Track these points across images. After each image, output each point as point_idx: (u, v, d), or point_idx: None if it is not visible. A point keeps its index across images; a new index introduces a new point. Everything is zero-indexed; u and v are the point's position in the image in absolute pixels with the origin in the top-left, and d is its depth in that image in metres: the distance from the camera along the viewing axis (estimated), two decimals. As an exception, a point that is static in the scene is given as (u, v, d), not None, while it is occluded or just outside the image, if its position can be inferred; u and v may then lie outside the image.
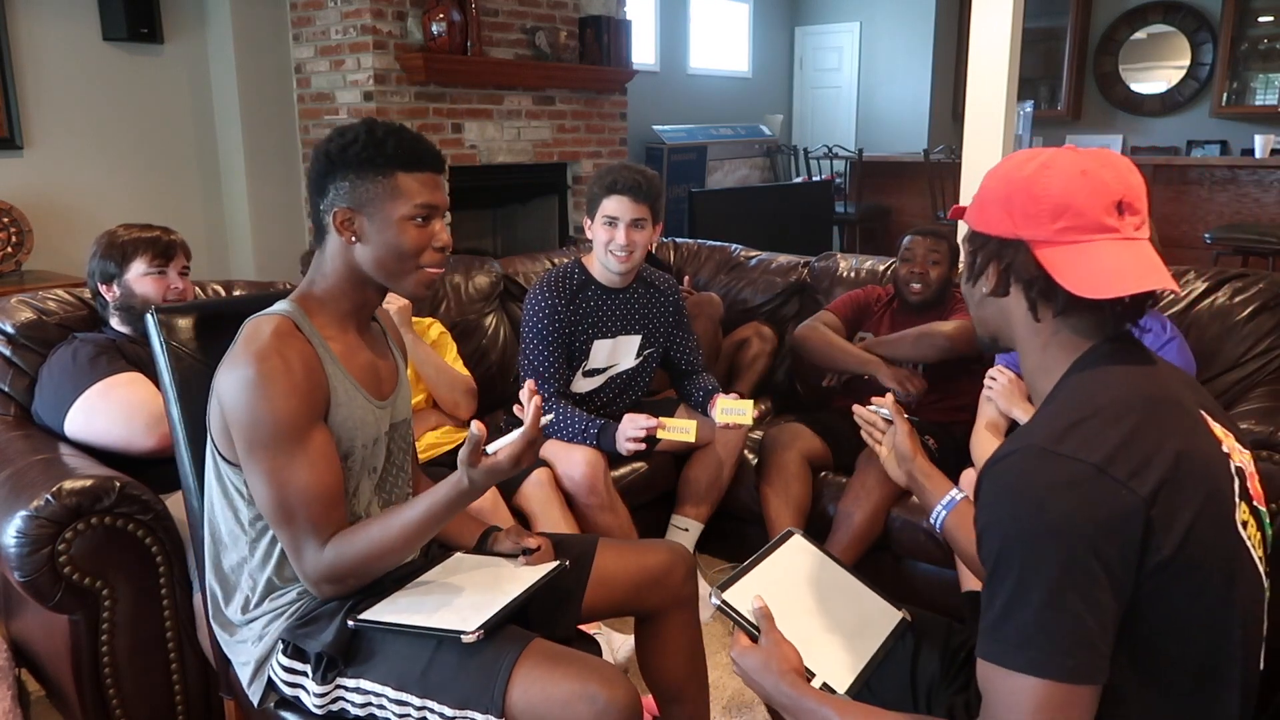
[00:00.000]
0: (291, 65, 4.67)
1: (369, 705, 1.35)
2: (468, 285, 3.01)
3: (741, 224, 5.36)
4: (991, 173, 1.09)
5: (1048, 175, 1.02)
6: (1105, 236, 1.01)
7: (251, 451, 1.31)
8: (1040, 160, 1.04)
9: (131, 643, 1.77)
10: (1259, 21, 7.17)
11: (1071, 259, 1.01)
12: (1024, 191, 1.03)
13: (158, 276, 2.06)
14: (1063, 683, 0.90)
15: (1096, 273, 1.00)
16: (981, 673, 0.95)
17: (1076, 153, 1.04)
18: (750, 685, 1.18)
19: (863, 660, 1.24)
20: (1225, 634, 0.97)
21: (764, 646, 1.17)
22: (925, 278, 2.70)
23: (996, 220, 1.05)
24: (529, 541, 1.55)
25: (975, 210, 1.09)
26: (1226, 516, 0.97)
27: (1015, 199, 1.03)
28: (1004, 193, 1.05)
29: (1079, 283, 1.00)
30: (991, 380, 2.33)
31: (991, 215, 1.06)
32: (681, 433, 2.29)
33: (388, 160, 1.36)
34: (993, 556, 0.94)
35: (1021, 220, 1.03)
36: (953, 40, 7.96)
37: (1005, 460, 0.96)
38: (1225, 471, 0.99)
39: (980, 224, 1.08)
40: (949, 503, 1.38)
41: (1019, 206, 1.03)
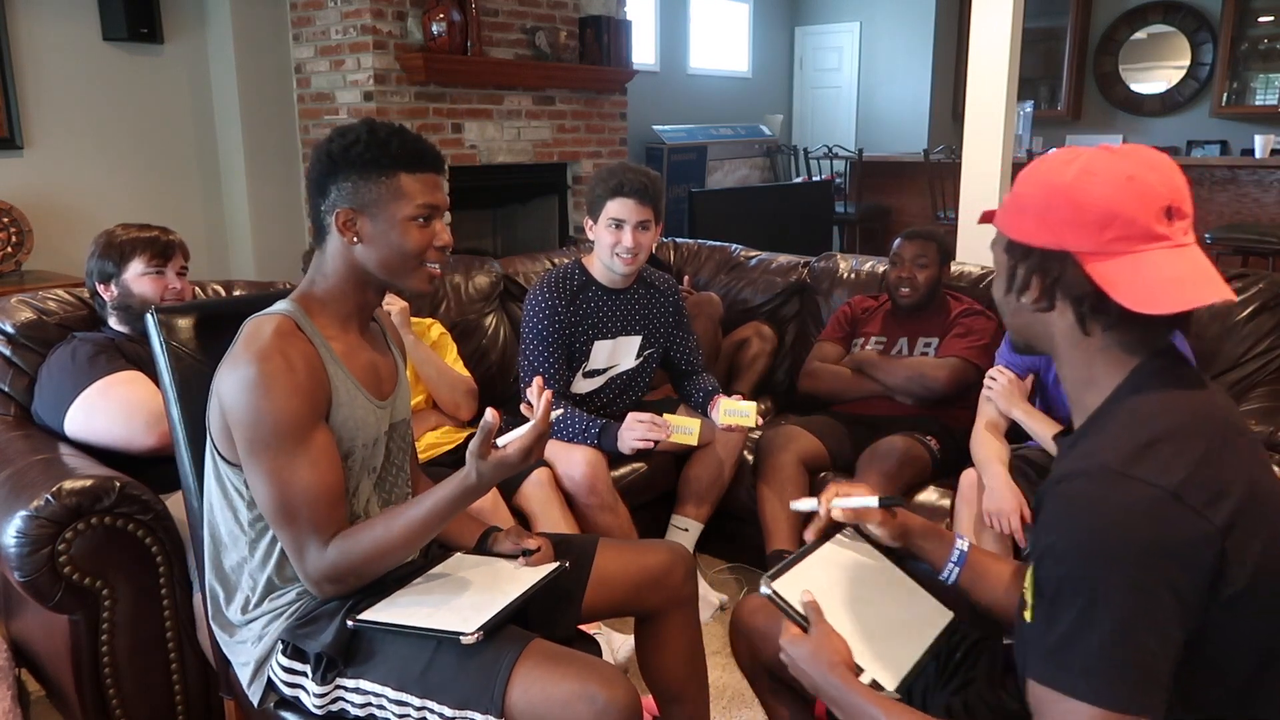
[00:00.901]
0: (291, 65, 4.67)
1: (369, 705, 1.35)
2: (468, 285, 3.01)
3: (741, 224, 5.36)
4: (1026, 177, 1.03)
5: (1091, 182, 0.97)
6: (1157, 245, 0.95)
7: (253, 451, 1.31)
8: (1080, 165, 0.98)
9: (131, 643, 1.77)
10: (1259, 21, 7.17)
11: (1125, 271, 0.95)
12: (1066, 200, 0.97)
13: (155, 276, 2.06)
14: (1124, 714, 0.87)
15: (1154, 286, 0.94)
16: (1035, 694, 0.93)
17: (1117, 155, 0.99)
18: (797, 674, 1.15)
19: (911, 659, 1.21)
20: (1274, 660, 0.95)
21: (814, 637, 1.14)
22: (913, 281, 2.71)
23: (1037, 230, 0.99)
24: (529, 542, 1.55)
25: (1011, 218, 1.03)
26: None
27: (1056, 208, 0.98)
28: (1043, 201, 0.99)
29: (1137, 298, 0.94)
30: (991, 380, 2.34)
31: (1031, 225, 1.00)
32: (685, 434, 2.30)
33: (390, 161, 1.36)
34: (1056, 579, 0.90)
35: (1065, 231, 0.97)
36: (953, 40, 7.96)
37: (1072, 481, 0.92)
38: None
39: (1019, 233, 1.01)
40: (959, 558, 1.33)
41: (1061, 216, 0.97)
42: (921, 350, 2.74)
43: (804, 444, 2.58)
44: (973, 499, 2.21)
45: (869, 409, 2.71)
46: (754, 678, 1.53)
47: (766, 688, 1.51)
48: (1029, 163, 1.06)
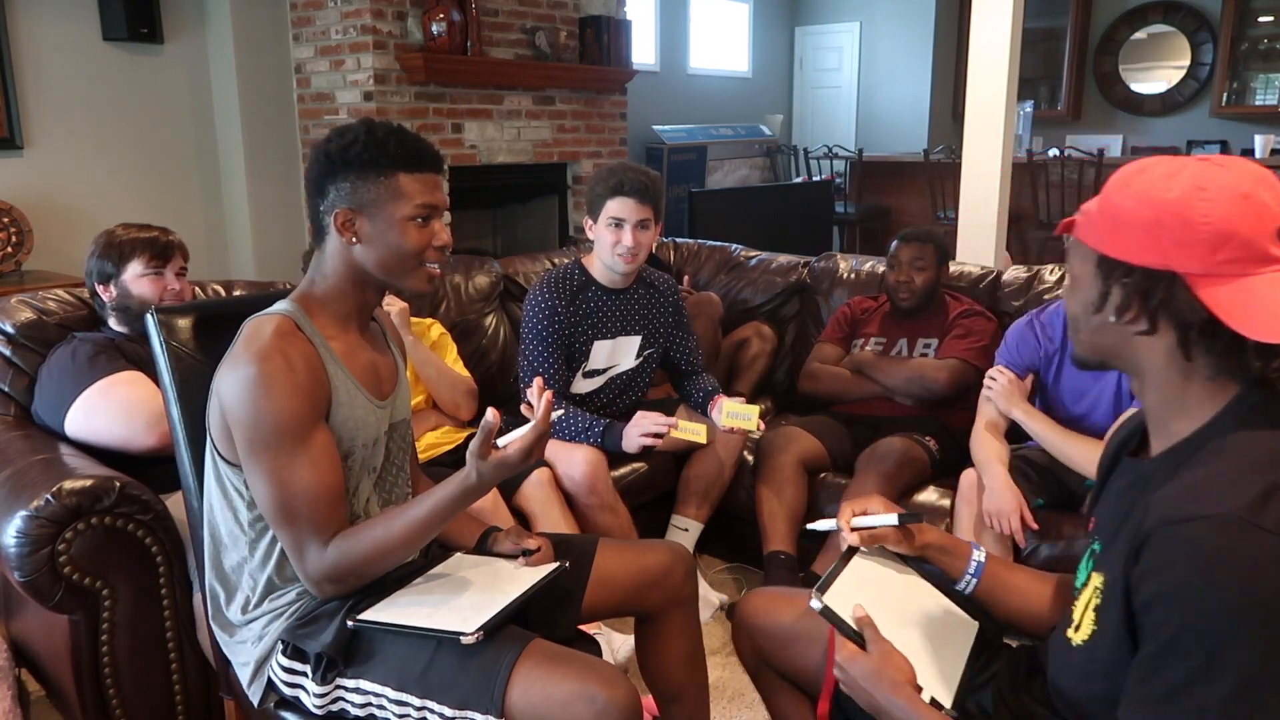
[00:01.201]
0: (291, 65, 4.67)
1: (369, 705, 1.35)
2: (468, 285, 3.01)
3: (741, 224, 5.36)
4: (1122, 190, 0.96)
5: (1205, 199, 0.90)
6: (1270, 269, 0.90)
7: (253, 451, 1.31)
8: (1189, 180, 0.92)
9: (131, 643, 1.78)
10: (1259, 21, 7.17)
11: (1238, 296, 0.89)
12: (1177, 217, 0.91)
13: (154, 277, 2.06)
14: None
15: (1273, 312, 0.89)
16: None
17: (1226, 169, 0.93)
18: (854, 691, 1.13)
19: (957, 673, 1.19)
20: None
21: (875, 655, 1.12)
22: (911, 285, 2.71)
23: (1141, 248, 0.92)
24: (529, 542, 1.55)
25: (1106, 233, 0.96)
26: None
27: (1168, 226, 0.91)
28: (1150, 217, 0.92)
29: (1255, 325, 0.88)
30: (991, 380, 2.34)
31: (1134, 242, 0.93)
32: (693, 434, 2.31)
33: (389, 161, 1.36)
34: (1173, 628, 0.86)
35: (1174, 250, 0.91)
36: (953, 40, 7.96)
37: (1193, 525, 0.87)
38: None
39: (1118, 250, 0.94)
40: (976, 570, 1.32)
41: (1172, 234, 0.91)
42: (921, 351, 2.74)
43: (804, 445, 2.58)
44: (973, 499, 2.21)
45: (869, 409, 2.71)
46: (757, 674, 1.53)
47: (769, 685, 1.51)
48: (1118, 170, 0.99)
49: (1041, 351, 2.32)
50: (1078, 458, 2.14)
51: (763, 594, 1.53)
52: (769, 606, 1.48)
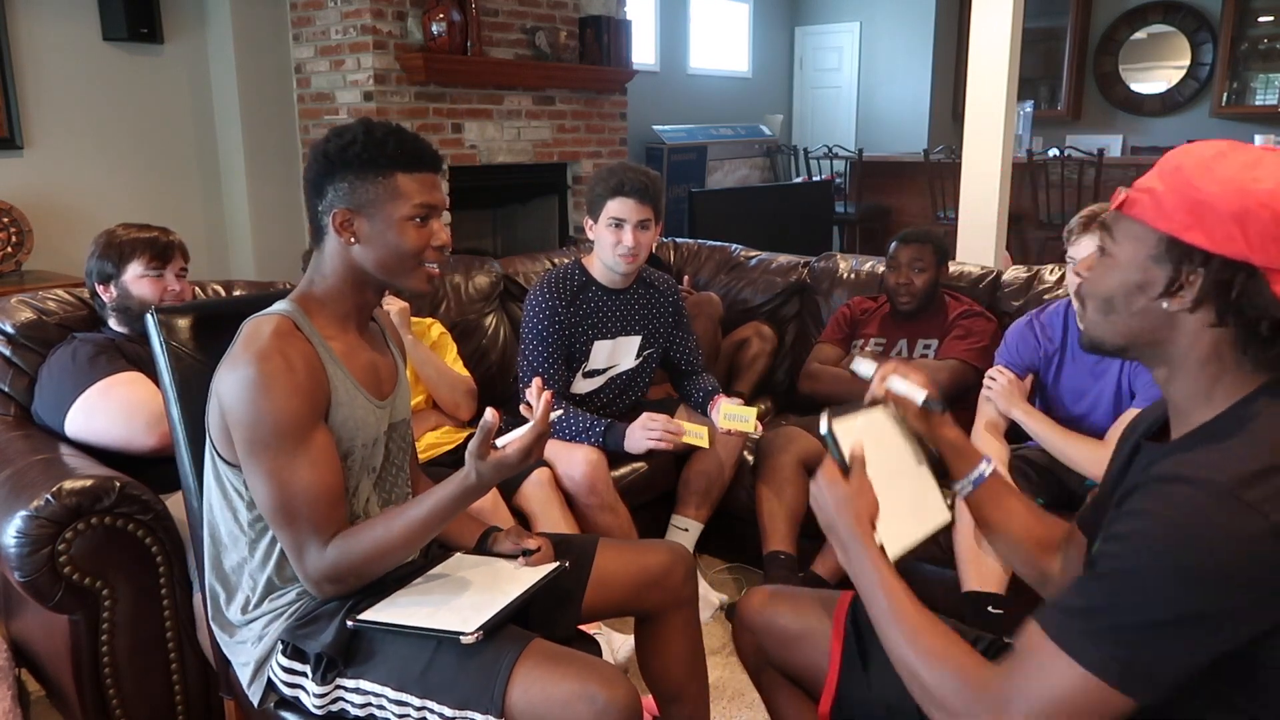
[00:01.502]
0: (291, 65, 4.67)
1: (369, 705, 1.35)
2: (468, 285, 3.01)
3: (741, 224, 5.36)
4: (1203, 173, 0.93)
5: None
6: None
7: (253, 451, 1.31)
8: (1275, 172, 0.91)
9: (131, 643, 1.78)
10: (1259, 21, 7.17)
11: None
12: (1269, 210, 0.89)
13: (155, 278, 2.06)
14: (1106, 684, 0.88)
15: None
16: (1031, 637, 0.93)
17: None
18: (821, 512, 1.18)
19: (913, 539, 1.25)
20: None
21: (852, 484, 1.17)
22: (911, 287, 2.71)
23: (1224, 237, 0.90)
24: (529, 542, 1.55)
25: (1186, 216, 0.93)
26: None
27: (1257, 217, 0.89)
28: (1239, 206, 0.90)
29: None
30: (991, 380, 2.34)
31: (1217, 229, 0.91)
32: (696, 438, 2.31)
33: (387, 161, 1.36)
34: (1124, 565, 0.89)
35: (1259, 243, 0.89)
36: (953, 40, 7.96)
37: (1177, 485, 0.89)
38: None
39: (1196, 236, 0.92)
40: (977, 479, 1.32)
41: (1260, 226, 0.89)
42: (921, 352, 2.74)
43: (804, 445, 2.58)
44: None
45: (869, 409, 2.71)
46: (758, 674, 1.53)
47: (770, 684, 1.51)
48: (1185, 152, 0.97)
49: (1041, 351, 2.32)
50: (1078, 458, 2.14)
51: (764, 592, 1.52)
52: (771, 605, 1.48)
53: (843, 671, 1.34)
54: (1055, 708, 0.90)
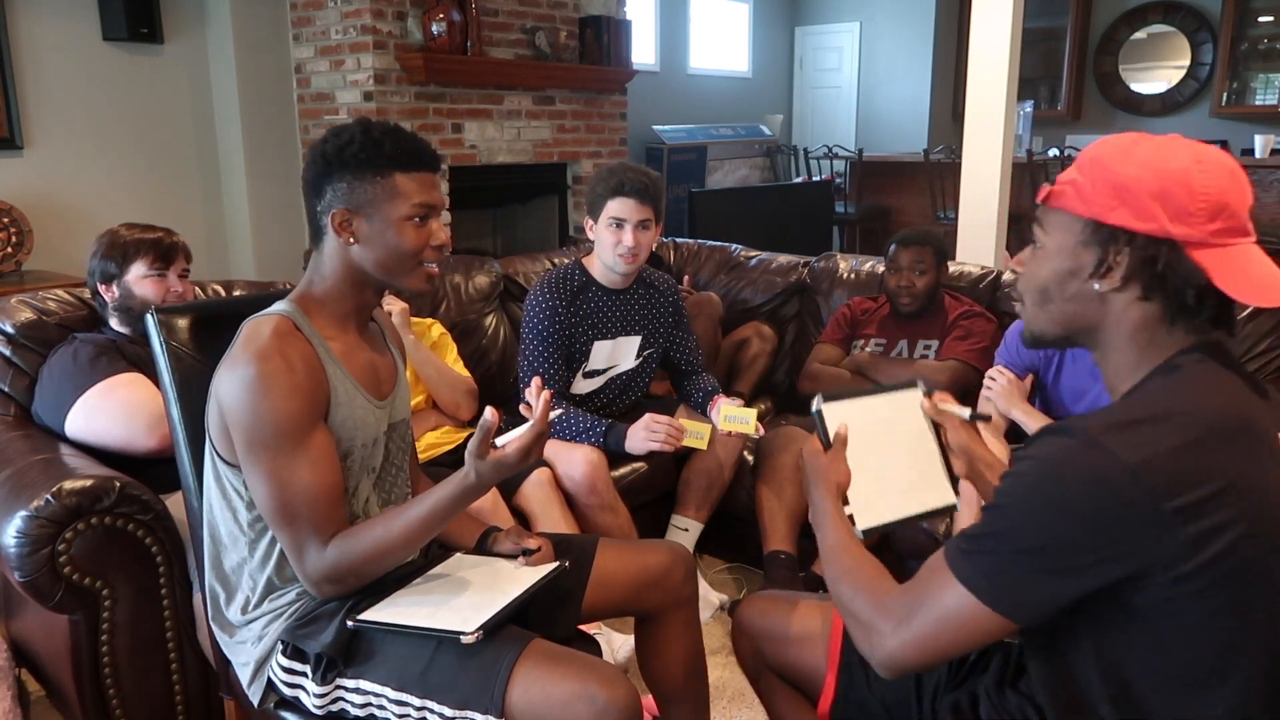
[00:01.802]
0: (291, 65, 4.67)
1: (369, 705, 1.35)
2: (468, 285, 3.01)
3: (741, 224, 5.36)
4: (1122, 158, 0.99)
5: (1204, 171, 0.96)
6: (1245, 240, 0.98)
7: (252, 452, 1.31)
8: (1187, 152, 0.97)
9: (131, 643, 1.77)
10: (1259, 21, 7.17)
11: (1228, 264, 0.95)
12: (1182, 186, 0.95)
13: (157, 279, 2.06)
14: (982, 603, 0.97)
15: (1257, 280, 0.96)
16: (932, 563, 1.04)
17: (1209, 147, 0.99)
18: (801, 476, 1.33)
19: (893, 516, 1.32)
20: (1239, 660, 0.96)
21: (830, 456, 1.29)
22: (912, 289, 2.71)
23: (1145, 215, 0.96)
24: (529, 542, 1.55)
25: (1109, 200, 0.99)
26: (1271, 550, 0.94)
27: (1173, 193, 0.95)
28: (1155, 185, 0.96)
29: (1246, 289, 0.95)
30: (991, 380, 2.34)
31: (1139, 209, 0.96)
32: (696, 439, 2.31)
33: (385, 161, 1.36)
34: (1001, 500, 0.98)
35: (1176, 217, 0.95)
36: (953, 40, 7.96)
37: (1054, 436, 0.96)
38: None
39: (1120, 218, 0.98)
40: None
41: (1176, 202, 0.95)
42: (921, 353, 2.74)
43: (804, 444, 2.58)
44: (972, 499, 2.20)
45: (869, 409, 2.71)
46: (756, 678, 1.53)
47: (769, 688, 1.51)
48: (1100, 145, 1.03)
49: (1041, 352, 2.32)
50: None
51: (763, 597, 1.53)
52: (769, 609, 1.48)
53: (841, 672, 1.34)
54: (942, 619, 1.00)
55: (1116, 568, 0.93)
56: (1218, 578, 0.92)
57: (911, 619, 1.02)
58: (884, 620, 1.05)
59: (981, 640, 1.01)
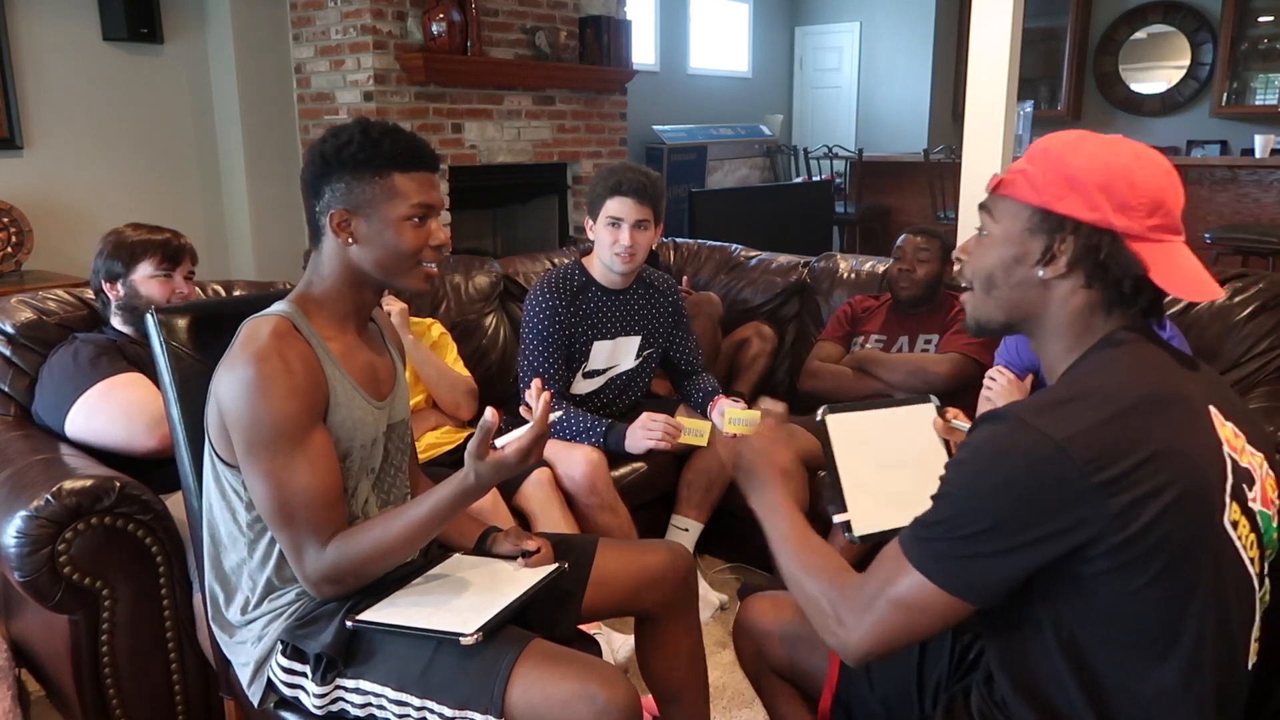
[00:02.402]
0: (291, 65, 4.67)
1: (369, 705, 1.35)
2: (468, 285, 3.01)
3: (741, 224, 5.36)
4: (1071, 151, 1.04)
5: (1145, 167, 1.01)
6: (1177, 239, 1.03)
7: (251, 452, 1.31)
8: (1130, 149, 1.03)
9: (131, 643, 1.77)
10: (1259, 21, 7.17)
11: (1164, 258, 1.01)
12: (1125, 180, 1.00)
13: (164, 279, 2.06)
14: (937, 586, 1.00)
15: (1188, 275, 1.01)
16: (888, 551, 1.05)
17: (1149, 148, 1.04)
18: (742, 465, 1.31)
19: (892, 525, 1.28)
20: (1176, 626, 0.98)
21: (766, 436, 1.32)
22: (913, 274, 2.72)
23: (1090, 206, 1.01)
24: (528, 543, 1.55)
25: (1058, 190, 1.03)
26: (1203, 516, 0.98)
27: (1116, 188, 1.00)
28: (1102, 178, 1.01)
29: (1181, 285, 1.00)
30: (991, 380, 2.34)
31: (1085, 199, 1.01)
32: (695, 436, 2.31)
33: (384, 161, 1.36)
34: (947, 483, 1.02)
35: (1117, 210, 1.00)
36: (953, 40, 7.96)
37: (992, 420, 1.01)
38: (1216, 471, 1.00)
39: (1067, 207, 1.02)
40: None
41: (1119, 196, 1.00)
42: (922, 347, 2.74)
43: (803, 443, 2.57)
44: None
45: (869, 408, 2.71)
46: (758, 678, 1.53)
47: (770, 689, 1.51)
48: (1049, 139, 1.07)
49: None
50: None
51: (764, 597, 1.53)
52: (770, 610, 1.48)
53: (842, 671, 1.34)
54: (900, 605, 1.02)
55: (1059, 543, 0.95)
56: (1154, 545, 0.94)
57: (872, 607, 1.04)
58: (847, 610, 1.06)
59: (941, 624, 1.03)
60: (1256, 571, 1.04)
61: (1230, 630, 1.01)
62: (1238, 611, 1.02)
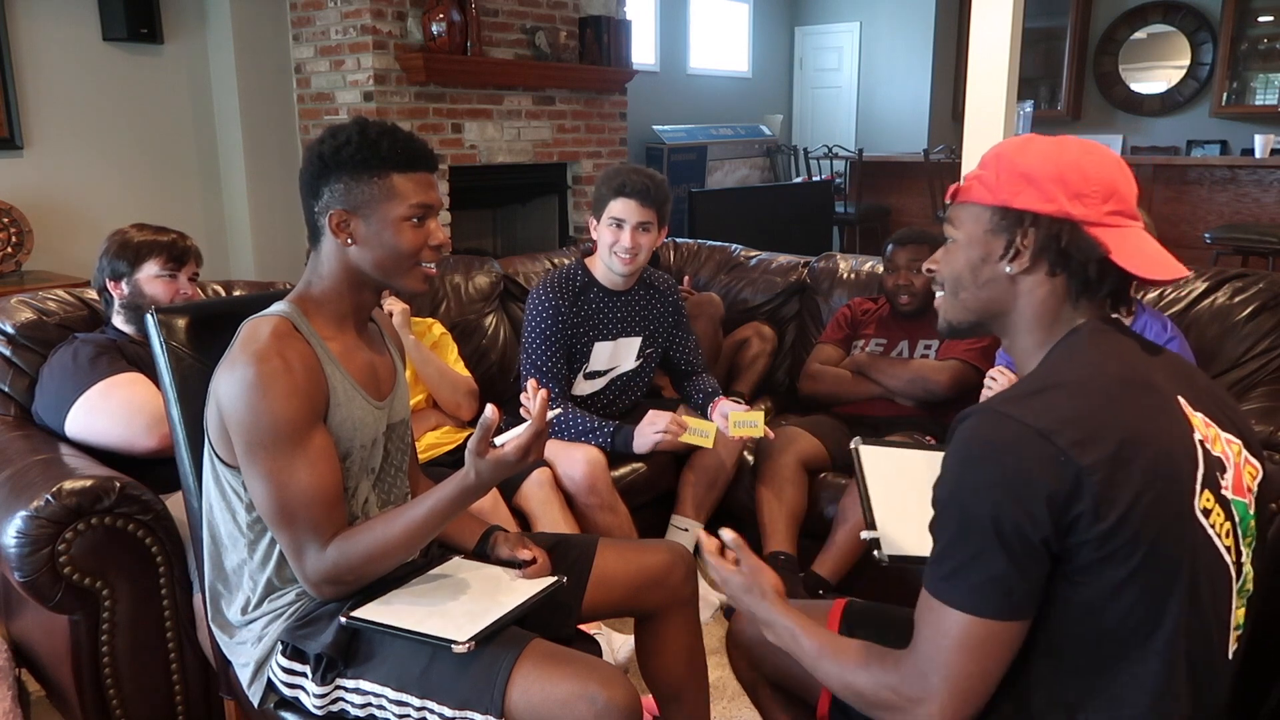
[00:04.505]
0: (291, 65, 4.67)
1: (369, 706, 1.35)
2: (468, 285, 3.01)
3: (741, 224, 5.36)
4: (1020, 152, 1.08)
5: (1095, 158, 1.06)
6: (1134, 224, 1.07)
7: (251, 453, 1.31)
8: (1078, 144, 1.07)
9: (131, 643, 1.77)
10: (1259, 21, 7.17)
11: (1124, 243, 1.04)
12: (1077, 170, 1.04)
13: (169, 280, 2.07)
14: (984, 618, 0.96)
15: (1150, 257, 1.04)
16: (921, 605, 1.02)
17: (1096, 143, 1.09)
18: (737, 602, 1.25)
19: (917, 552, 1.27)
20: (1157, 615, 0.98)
21: (745, 570, 1.24)
22: (911, 288, 2.71)
23: (1045, 198, 1.05)
24: (523, 553, 1.54)
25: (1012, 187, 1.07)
26: (1177, 502, 0.98)
27: (1069, 179, 1.04)
28: (1054, 171, 1.05)
29: (1144, 265, 1.03)
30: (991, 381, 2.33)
31: (1039, 192, 1.05)
32: (700, 436, 2.31)
33: (382, 161, 1.36)
34: (939, 503, 1.00)
35: (1073, 199, 1.04)
36: (953, 40, 7.96)
37: (966, 419, 1.01)
38: (1187, 458, 1.00)
39: (1024, 201, 1.06)
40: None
41: (1072, 186, 1.04)
42: (922, 352, 2.74)
43: (804, 445, 2.58)
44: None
45: (869, 410, 2.71)
46: (753, 689, 1.53)
47: (765, 699, 1.51)
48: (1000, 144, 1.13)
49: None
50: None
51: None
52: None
53: None
54: (960, 657, 0.98)
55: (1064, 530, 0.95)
56: (1133, 534, 0.95)
57: (935, 669, 0.99)
58: (912, 686, 1.01)
59: (1008, 654, 0.99)
60: (1233, 560, 1.04)
61: (1205, 618, 1.02)
62: (1211, 599, 1.02)
